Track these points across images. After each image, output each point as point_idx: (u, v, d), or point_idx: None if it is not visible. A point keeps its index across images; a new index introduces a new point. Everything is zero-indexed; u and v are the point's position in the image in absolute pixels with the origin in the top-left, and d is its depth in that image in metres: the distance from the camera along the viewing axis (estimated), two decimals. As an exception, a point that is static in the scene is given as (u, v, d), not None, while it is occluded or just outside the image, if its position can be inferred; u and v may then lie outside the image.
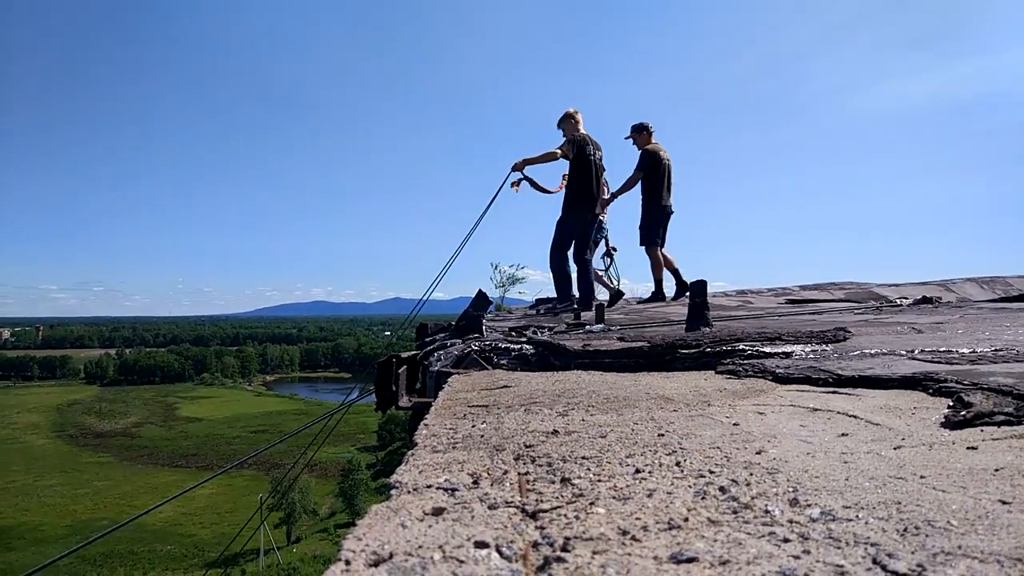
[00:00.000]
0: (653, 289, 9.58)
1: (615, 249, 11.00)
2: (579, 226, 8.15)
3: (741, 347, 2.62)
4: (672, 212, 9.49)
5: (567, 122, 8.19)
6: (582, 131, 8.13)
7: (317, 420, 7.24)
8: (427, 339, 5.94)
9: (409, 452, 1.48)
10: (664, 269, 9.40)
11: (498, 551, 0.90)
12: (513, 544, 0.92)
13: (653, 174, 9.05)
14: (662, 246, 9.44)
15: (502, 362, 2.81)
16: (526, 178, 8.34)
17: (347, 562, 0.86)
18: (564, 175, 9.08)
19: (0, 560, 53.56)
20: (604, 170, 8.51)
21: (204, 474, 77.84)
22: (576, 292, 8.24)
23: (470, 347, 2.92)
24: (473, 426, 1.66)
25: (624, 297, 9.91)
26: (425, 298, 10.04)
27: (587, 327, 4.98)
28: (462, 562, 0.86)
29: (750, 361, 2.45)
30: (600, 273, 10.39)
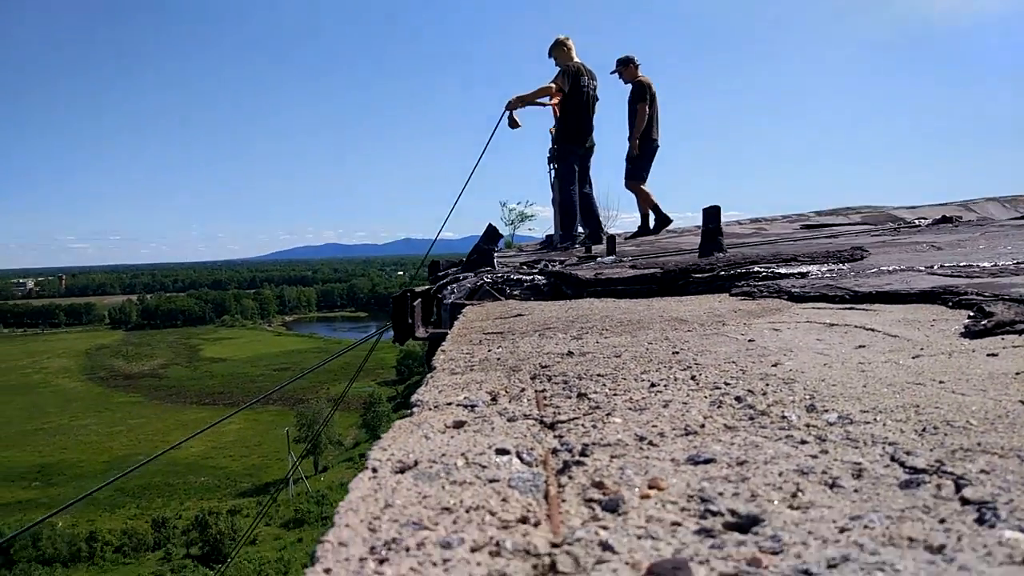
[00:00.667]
0: (640, 224, 9.45)
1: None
2: (575, 159, 7.97)
3: (755, 269, 2.60)
4: (658, 147, 9.28)
5: (559, 50, 7.84)
6: (576, 60, 7.82)
7: (338, 354, 7.38)
8: (440, 274, 5.96)
9: (428, 375, 1.50)
10: (646, 207, 9.28)
11: (519, 457, 0.92)
12: (533, 451, 0.94)
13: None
14: (644, 181, 9.28)
15: (515, 293, 2.82)
16: (522, 101, 8.13)
17: (374, 470, 0.88)
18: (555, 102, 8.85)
19: (43, 495, 55.94)
20: (598, 100, 8.25)
21: (231, 411, 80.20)
22: (581, 228, 8.13)
23: (482, 279, 2.92)
24: (489, 351, 1.67)
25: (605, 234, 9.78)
26: (437, 238, 10.02)
27: (598, 259, 4.96)
28: (484, 467, 0.88)
29: (765, 282, 2.44)
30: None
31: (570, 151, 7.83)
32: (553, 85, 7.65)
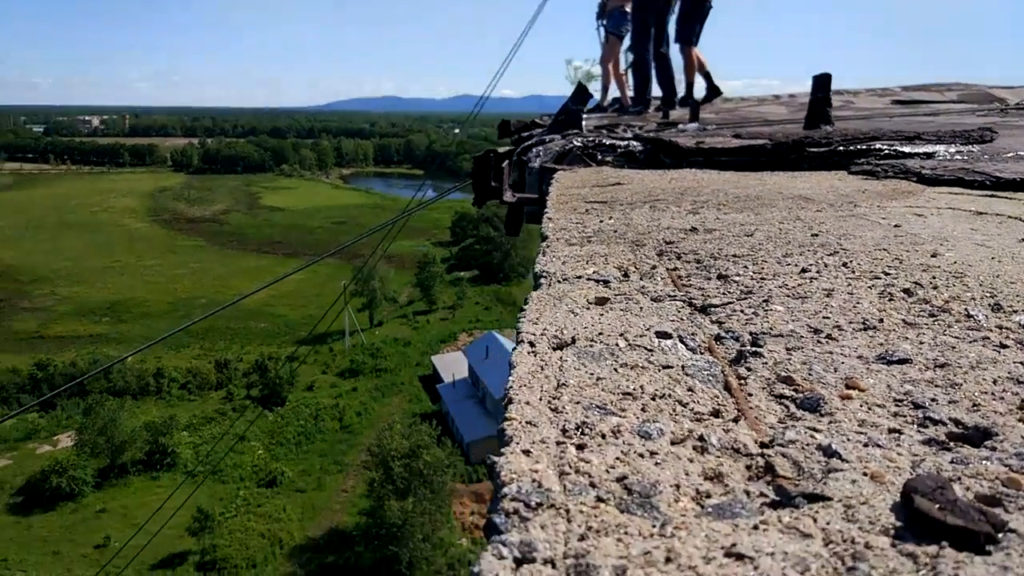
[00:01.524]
0: (683, 93, 8.82)
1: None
2: (654, 16, 7.34)
3: (877, 146, 2.39)
4: (711, 7, 8.44)
5: None
6: None
7: (401, 216, 7.38)
8: (523, 135, 5.77)
9: (543, 243, 1.43)
10: (696, 72, 8.56)
11: (681, 341, 0.85)
12: (695, 336, 0.87)
13: None
14: (696, 44, 8.53)
15: (607, 159, 2.67)
16: None
17: (531, 344, 0.83)
18: None
19: (113, 330, 60.21)
20: None
21: (291, 260, 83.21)
22: (658, 90, 7.63)
23: (572, 143, 2.77)
24: (601, 221, 1.58)
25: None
26: (488, 94, 9.61)
27: (679, 126, 4.69)
28: (650, 351, 0.82)
29: (888, 161, 2.25)
30: (621, 73, 9.52)
31: (649, 5, 7.23)
32: None
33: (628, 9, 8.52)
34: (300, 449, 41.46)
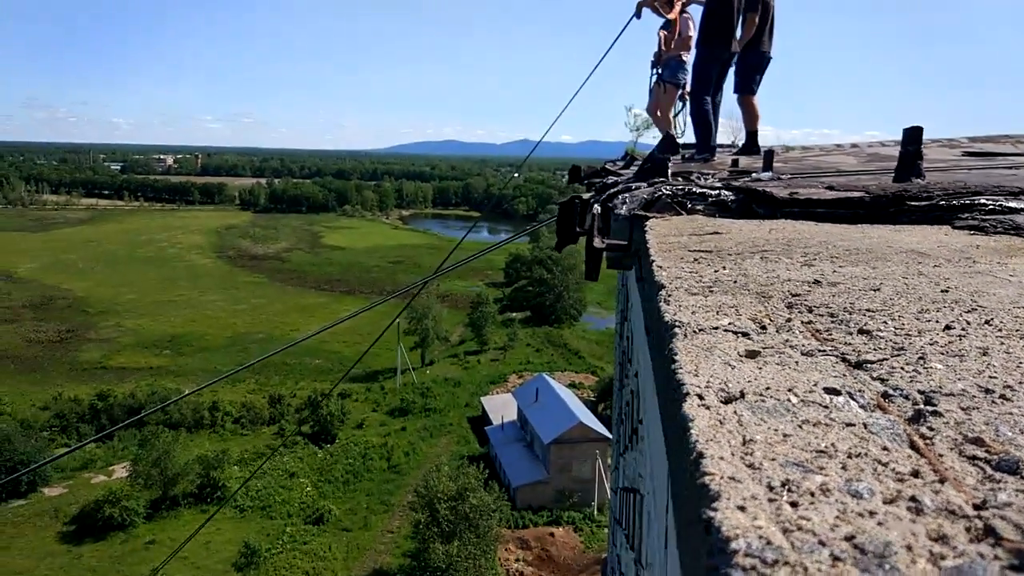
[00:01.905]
0: (745, 141, 8.76)
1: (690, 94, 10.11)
2: (717, 66, 7.42)
3: (982, 201, 2.33)
4: (771, 58, 8.47)
5: None
6: None
7: (464, 263, 7.55)
8: (592, 180, 5.82)
9: (661, 292, 1.44)
10: (753, 123, 8.54)
11: (851, 398, 0.85)
12: (862, 393, 0.87)
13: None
14: (754, 94, 8.55)
15: (697, 208, 2.68)
16: (650, 6, 7.68)
17: (700, 396, 0.84)
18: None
19: (173, 363, 62.13)
20: (758, 2, 7.58)
21: (347, 298, 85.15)
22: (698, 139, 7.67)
23: (660, 191, 2.79)
24: (715, 271, 1.59)
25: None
26: (544, 137, 9.74)
27: (753, 175, 4.67)
28: (824, 407, 0.82)
29: (995, 216, 2.19)
30: (671, 118, 9.52)
31: (708, 58, 7.30)
32: None
33: (686, 59, 8.61)
34: (348, 487, 41.59)
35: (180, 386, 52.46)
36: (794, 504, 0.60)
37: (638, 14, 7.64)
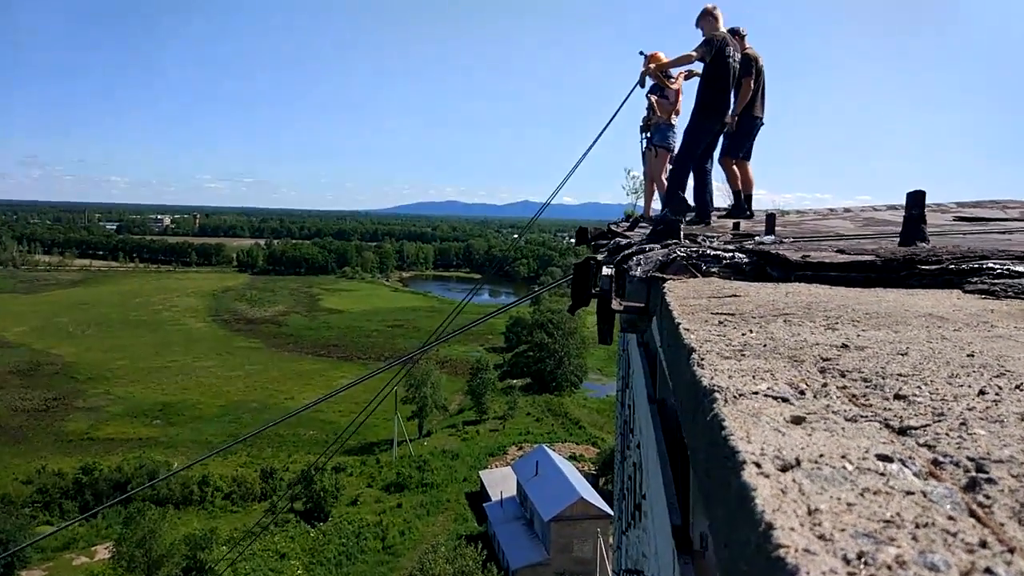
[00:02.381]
0: (732, 204, 8.97)
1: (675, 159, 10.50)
2: (708, 137, 7.66)
3: (989, 265, 2.39)
4: (763, 124, 8.78)
5: (705, 20, 7.57)
6: (722, 30, 7.50)
7: (465, 328, 7.56)
8: (600, 242, 5.91)
9: (695, 355, 1.46)
10: (737, 184, 8.79)
11: (904, 465, 0.86)
12: (913, 460, 0.88)
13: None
14: (748, 159, 8.82)
15: (712, 270, 2.73)
16: (656, 76, 8.03)
17: (757, 464, 0.85)
18: (684, 72, 8.58)
19: (163, 434, 60.77)
20: (753, 67, 7.94)
21: (345, 364, 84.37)
22: (692, 203, 7.86)
23: (675, 253, 2.84)
24: (743, 335, 1.61)
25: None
26: (549, 201, 9.96)
27: (756, 239, 4.75)
28: (881, 474, 0.83)
29: (1004, 280, 2.24)
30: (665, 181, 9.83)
31: (704, 126, 7.54)
32: (694, 53, 7.41)
33: (674, 122, 8.89)
34: (340, 570, 40.16)
35: (169, 458, 51.25)
36: (873, 576, 0.61)
37: (642, 83, 7.93)
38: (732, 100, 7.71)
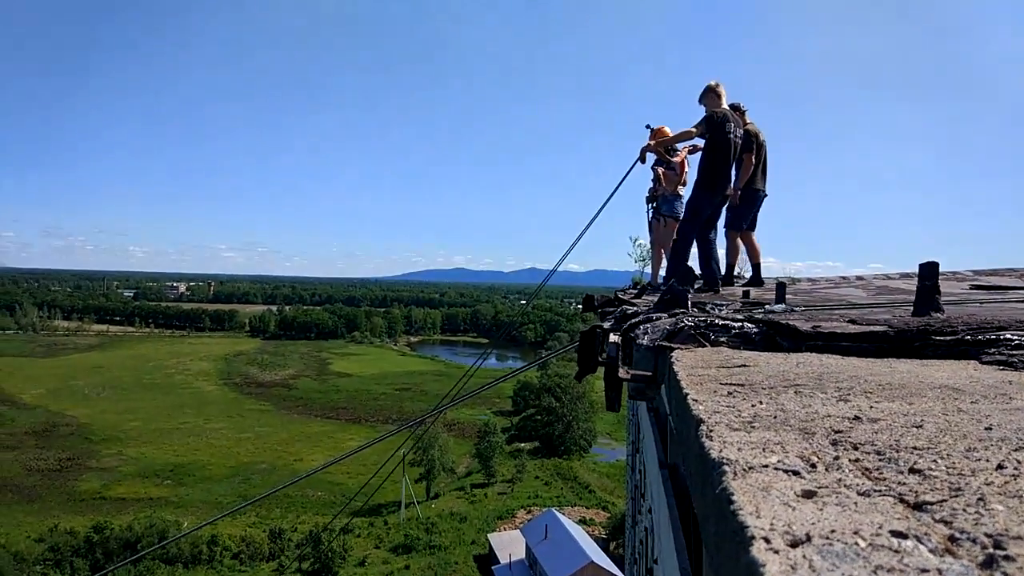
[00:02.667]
0: (724, 274, 9.05)
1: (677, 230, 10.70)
2: (710, 209, 7.77)
3: (1007, 336, 2.36)
4: (765, 195, 8.93)
5: (708, 97, 7.76)
6: (724, 106, 7.69)
7: (474, 393, 7.52)
8: (606, 309, 5.91)
9: (703, 427, 1.44)
10: (735, 258, 8.94)
11: (919, 542, 0.84)
12: (929, 537, 0.85)
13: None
14: (752, 229, 8.95)
15: (720, 339, 2.71)
16: (656, 151, 8.22)
17: (766, 539, 0.83)
18: (687, 147, 8.78)
19: (173, 493, 60.48)
20: (754, 141, 8.13)
21: (353, 427, 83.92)
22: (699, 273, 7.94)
23: (683, 322, 2.84)
24: (753, 406, 1.59)
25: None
26: (556, 268, 10.02)
27: (766, 307, 4.74)
28: (895, 551, 0.80)
29: (1022, 352, 2.21)
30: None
31: (704, 199, 7.65)
32: (694, 130, 7.56)
33: (681, 192, 9.04)
34: (349, 630, 39.08)
35: (180, 518, 50.82)
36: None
37: (642, 159, 8.12)
38: (734, 174, 7.86)
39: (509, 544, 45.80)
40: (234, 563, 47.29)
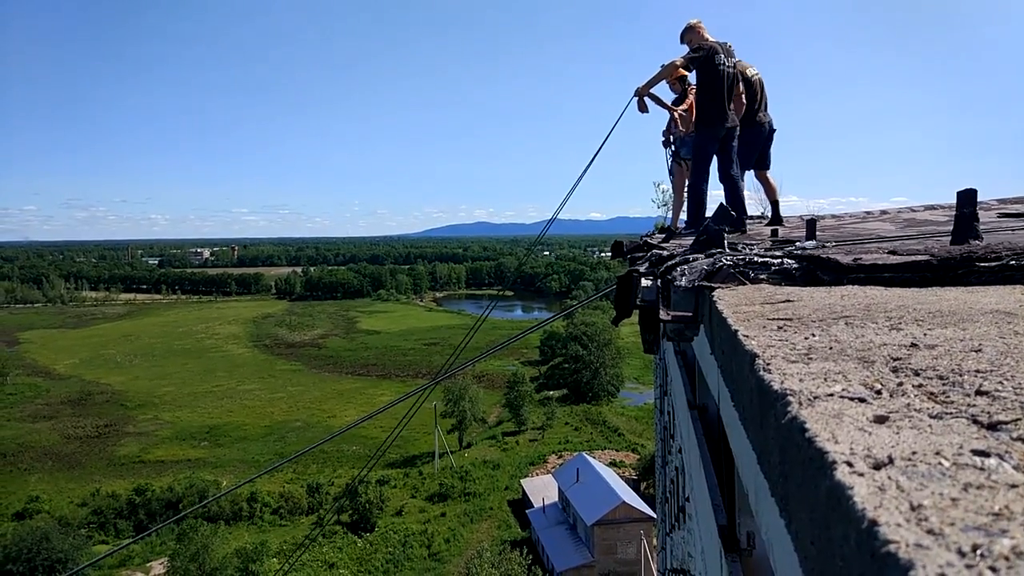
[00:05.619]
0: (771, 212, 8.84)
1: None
2: (714, 145, 7.52)
3: (1053, 259, 2.33)
4: (774, 130, 8.62)
5: (691, 34, 7.45)
6: (710, 39, 7.39)
7: (503, 346, 7.58)
8: (636, 255, 5.89)
9: (759, 361, 1.44)
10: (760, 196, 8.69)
11: (1002, 460, 0.84)
12: (1010, 454, 0.86)
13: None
14: (766, 168, 8.66)
15: (761, 277, 2.69)
16: (651, 96, 7.84)
17: (849, 463, 0.84)
18: (692, 87, 8.41)
19: (210, 454, 62.27)
20: (739, 80, 7.71)
21: (383, 382, 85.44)
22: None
23: (722, 261, 2.82)
24: (806, 338, 1.60)
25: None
26: (555, 216, 9.88)
27: (797, 243, 4.69)
28: (980, 469, 0.81)
29: (1068, 275, 2.18)
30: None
31: (706, 136, 7.42)
32: (679, 60, 7.23)
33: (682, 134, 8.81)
34: (388, 577, 40.51)
35: (218, 478, 52.41)
36: (994, 570, 0.60)
37: (641, 107, 7.68)
38: (728, 105, 7.54)
39: (542, 488, 46.86)
40: (274, 518, 48.97)
